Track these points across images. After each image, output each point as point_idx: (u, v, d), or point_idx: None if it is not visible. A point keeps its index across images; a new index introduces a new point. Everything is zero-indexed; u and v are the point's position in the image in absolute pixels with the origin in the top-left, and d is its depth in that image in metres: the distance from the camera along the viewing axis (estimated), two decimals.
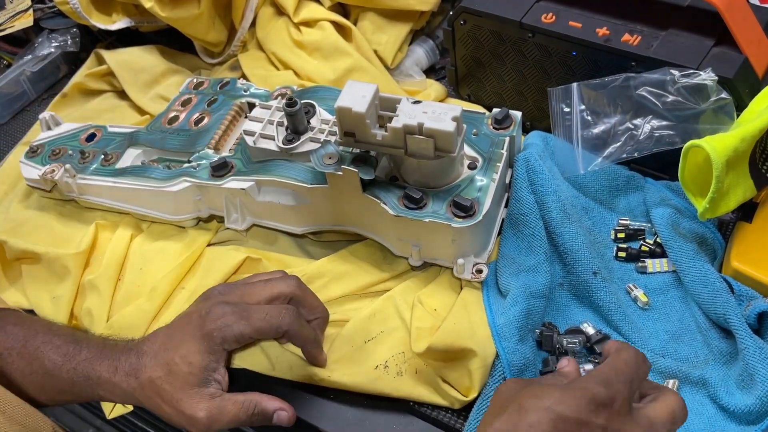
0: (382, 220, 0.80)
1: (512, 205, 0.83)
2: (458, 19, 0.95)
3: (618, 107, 0.84)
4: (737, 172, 0.77)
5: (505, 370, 0.74)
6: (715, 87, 0.79)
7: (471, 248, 0.80)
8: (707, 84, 0.79)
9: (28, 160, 1.00)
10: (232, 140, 0.94)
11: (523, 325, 0.77)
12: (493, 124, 0.84)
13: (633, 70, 0.85)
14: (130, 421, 1.15)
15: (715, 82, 0.79)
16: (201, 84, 1.04)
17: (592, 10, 0.90)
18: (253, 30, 1.12)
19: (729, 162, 0.74)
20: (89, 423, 1.35)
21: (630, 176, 0.89)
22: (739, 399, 0.72)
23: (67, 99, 1.14)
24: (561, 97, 0.86)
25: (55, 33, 1.21)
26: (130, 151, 0.97)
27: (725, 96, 0.79)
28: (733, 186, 0.77)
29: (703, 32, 0.85)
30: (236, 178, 0.86)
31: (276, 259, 0.90)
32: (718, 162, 0.72)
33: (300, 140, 0.84)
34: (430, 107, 0.74)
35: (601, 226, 0.88)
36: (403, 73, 1.08)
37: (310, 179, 0.82)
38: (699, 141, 0.74)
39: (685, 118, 0.82)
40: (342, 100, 0.74)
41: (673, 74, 0.81)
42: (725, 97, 0.79)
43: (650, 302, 0.82)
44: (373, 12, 1.08)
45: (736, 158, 0.75)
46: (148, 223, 0.96)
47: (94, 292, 0.89)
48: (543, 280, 0.80)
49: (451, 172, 0.79)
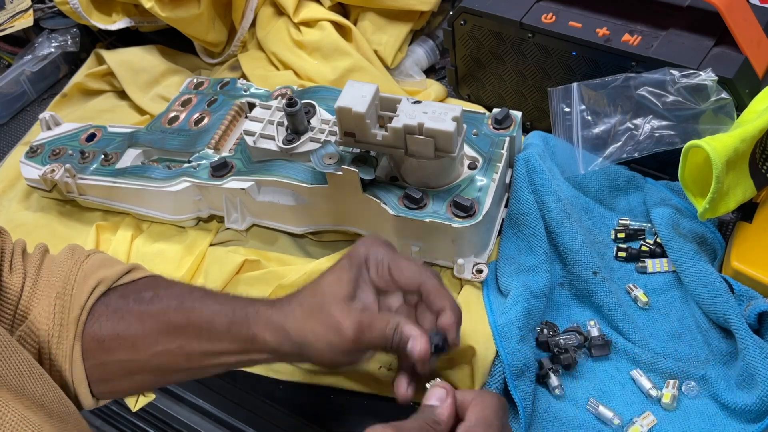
0: (382, 220, 0.80)
1: (512, 204, 0.83)
2: (458, 19, 0.95)
3: (618, 107, 0.84)
4: (737, 172, 0.77)
5: (506, 371, 0.74)
6: (715, 87, 0.80)
7: (471, 248, 0.80)
8: (707, 84, 0.79)
9: (27, 160, 1.00)
10: (232, 140, 0.94)
11: (524, 325, 0.77)
12: (493, 124, 0.85)
13: (633, 70, 0.85)
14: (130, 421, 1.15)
15: (715, 82, 0.79)
16: (201, 84, 1.04)
17: (592, 10, 0.90)
18: (253, 30, 1.12)
19: (729, 162, 0.74)
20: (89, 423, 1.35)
21: (630, 176, 0.89)
22: (739, 398, 0.72)
23: (67, 99, 1.14)
24: (561, 97, 0.86)
25: (55, 33, 1.21)
26: (130, 151, 0.97)
27: (725, 96, 0.80)
28: (733, 186, 0.77)
29: (703, 32, 0.85)
30: (236, 178, 0.86)
31: (276, 259, 0.90)
32: (718, 162, 0.72)
33: (300, 140, 0.84)
34: (430, 107, 0.74)
35: (601, 226, 0.88)
36: (403, 73, 1.08)
37: (310, 179, 0.82)
38: (699, 141, 0.74)
39: (685, 118, 0.82)
40: (342, 100, 0.74)
41: (673, 74, 0.81)
42: (725, 97, 0.80)
43: (650, 302, 0.82)
44: (373, 12, 1.08)
45: (736, 159, 0.75)
46: (148, 224, 0.96)
47: None
48: (543, 280, 0.80)
49: (451, 172, 0.79)
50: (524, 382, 0.75)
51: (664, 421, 0.74)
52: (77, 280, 0.71)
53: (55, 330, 0.69)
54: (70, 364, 0.69)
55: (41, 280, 0.71)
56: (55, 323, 0.69)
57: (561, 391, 0.76)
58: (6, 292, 0.69)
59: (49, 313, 0.69)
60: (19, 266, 0.71)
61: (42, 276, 0.72)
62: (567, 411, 0.75)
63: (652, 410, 0.74)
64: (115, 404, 1.16)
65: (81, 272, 0.72)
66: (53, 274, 0.71)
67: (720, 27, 0.82)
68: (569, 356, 0.77)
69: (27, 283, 0.71)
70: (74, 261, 0.73)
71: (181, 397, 1.06)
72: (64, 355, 0.69)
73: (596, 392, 0.77)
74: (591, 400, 0.75)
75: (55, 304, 0.70)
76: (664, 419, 0.74)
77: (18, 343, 0.64)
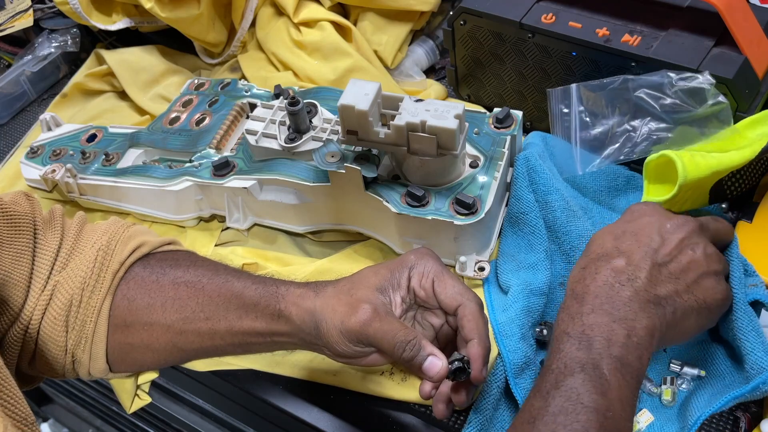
0: (385, 218, 0.80)
1: (512, 203, 0.84)
2: (458, 19, 0.95)
3: (616, 109, 0.84)
4: (698, 190, 0.78)
5: (506, 368, 0.74)
6: (713, 90, 0.80)
7: (473, 246, 0.80)
8: (704, 87, 0.80)
9: (28, 160, 1.00)
10: (233, 140, 0.94)
11: (524, 322, 0.77)
12: (494, 123, 0.85)
13: (633, 70, 0.86)
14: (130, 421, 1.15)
15: (712, 85, 0.80)
16: (202, 85, 1.04)
17: (592, 10, 0.90)
18: (253, 30, 1.13)
19: (694, 183, 0.75)
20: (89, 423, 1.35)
21: (630, 176, 0.90)
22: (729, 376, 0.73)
23: (67, 99, 1.14)
24: (560, 98, 0.87)
25: (55, 33, 1.22)
26: (131, 151, 0.97)
27: (722, 100, 0.80)
28: (689, 197, 0.78)
29: (703, 32, 0.85)
30: (238, 177, 0.86)
31: (275, 258, 0.90)
32: (684, 182, 0.73)
33: (302, 139, 0.84)
34: (432, 105, 0.74)
35: (601, 226, 0.88)
36: (403, 73, 1.09)
37: (313, 178, 0.83)
38: (674, 155, 0.75)
39: (682, 121, 0.82)
40: (345, 98, 0.74)
41: (671, 77, 0.81)
42: (722, 101, 0.80)
43: None
44: (373, 12, 1.08)
45: (704, 182, 0.76)
46: (148, 224, 0.96)
47: None
48: (543, 278, 0.80)
49: (453, 171, 0.80)
50: (525, 379, 0.75)
51: (662, 417, 0.74)
52: (121, 239, 0.74)
53: (92, 279, 0.71)
54: (96, 316, 0.71)
55: (83, 237, 0.74)
56: (94, 272, 0.71)
57: None
58: (43, 248, 0.72)
59: (90, 262, 0.72)
60: (59, 226, 0.74)
61: (84, 235, 0.74)
62: None
63: (650, 407, 0.75)
64: (115, 404, 1.16)
65: (126, 234, 0.75)
66: (96, 233, 0.74)
67: (720, 27, 0.83)
68: None
69: (66, 241, 0.73)
70: (119, 225, 0.76)
71: (181, 397, 1.06)
72: (94, 306, 0.71)
73: None
74: None
75: (97, 255, 0.72)
76: (661, 415, 0.74)
77: (53, 290, 0.70)
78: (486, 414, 0.73)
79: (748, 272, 0.77)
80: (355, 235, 0.89)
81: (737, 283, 0.74)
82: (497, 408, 0.74)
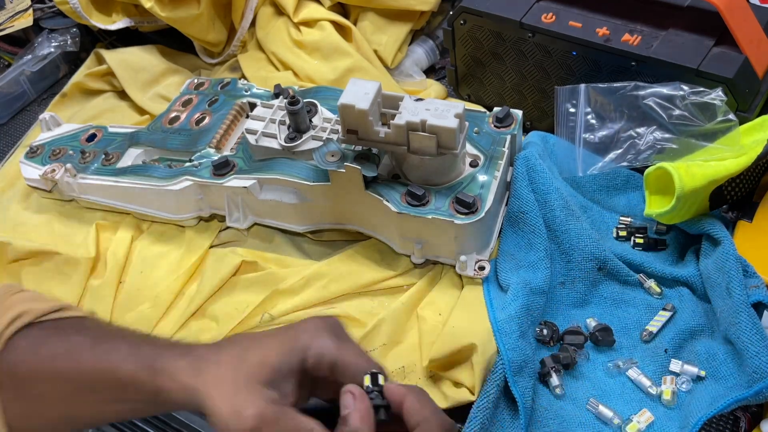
0: (385, 218, 0.80)
1: (512, 202, 0.84)
2: (458, 19, 0.96)
3: (624, 114, 0.84)
4: (698, 198, 0.78)
5: (506, 367, 0.74)
6: (723, 107, 0.80)
7: (473, 245, 0.80)
8: (716, 104, 0.80)
9: (27, 160, 1.00)
10: (233, 140, 0.94)
11: (524, 321, 0.77)
12: (494, 122, 0.85)
13: (633, 69, 0.86)
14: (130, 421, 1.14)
15: (723, 102, 0.79)
16: (202, 84, 1.04)
17: (592, 10, 0.90)
18: (252, 30, 1.13)
19: (693, 192, 0.75)
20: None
21: (629, 175, 0.90)
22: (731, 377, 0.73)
23: (67, 99, 1.14)
24: (567, 96, 0.86)
25: (55, 33, 1.21)
26: (131, 151, 0.97)
27: (732, 118, 0.80)
28: (689, 206, 0.78)
29: (703, 32, 0.85)
30: (238, 177, 0.86)
31: (273, 260, 0.90)
32: (682, 193, 0.74)
33: (302, 138, 0.84)
34: (432, 104, 0.74)
35: (600, 225, 0.88)
36: (403, 73, 1.09)
37: (313, 177, 0.83)
38: (671, 167, 0.75)
39: (688, 134, 0.82)
40: (345, 97, 0.74)
41: (684, 89, 0.81)
42: (732, 119, 0.80)
43: (663, 292, 0.82)
44: (373, 12, 1.08)
45: (702, 190, 0.76)
46: (148, 224, 0.96)
47: (97, 296, 0.89)
48: (542, 277, 0.80)
49: (453, 170, 0.80)
50: (524, 378, 0.75)
51: (663, 417, 0.74)
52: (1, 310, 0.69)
53: None
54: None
55: None
56: None
57: (561, 390, 0.76)
58: None
59: None
60: None
61: None
62: (567, 410, 0.76)
63: (650, 407, 0.75)
64: None
65: (8, 302, 0.70)
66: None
67: (720, 27, 0.83)
68: (569, 356, 0.77)
69: None
70: (5, 291, 0.71)
71: None
72: None
73: (596, 392, 0.77)
74: (591, 400, 0.75)
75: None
76: (662, 415, 0.74)
77: None
78: (486, 413, 0.72)
79: (748, 273, 0.77)
80: (355, 234, 0.89)
81: (737, 285, 0.74)
82: (497, 406, 0.74)
